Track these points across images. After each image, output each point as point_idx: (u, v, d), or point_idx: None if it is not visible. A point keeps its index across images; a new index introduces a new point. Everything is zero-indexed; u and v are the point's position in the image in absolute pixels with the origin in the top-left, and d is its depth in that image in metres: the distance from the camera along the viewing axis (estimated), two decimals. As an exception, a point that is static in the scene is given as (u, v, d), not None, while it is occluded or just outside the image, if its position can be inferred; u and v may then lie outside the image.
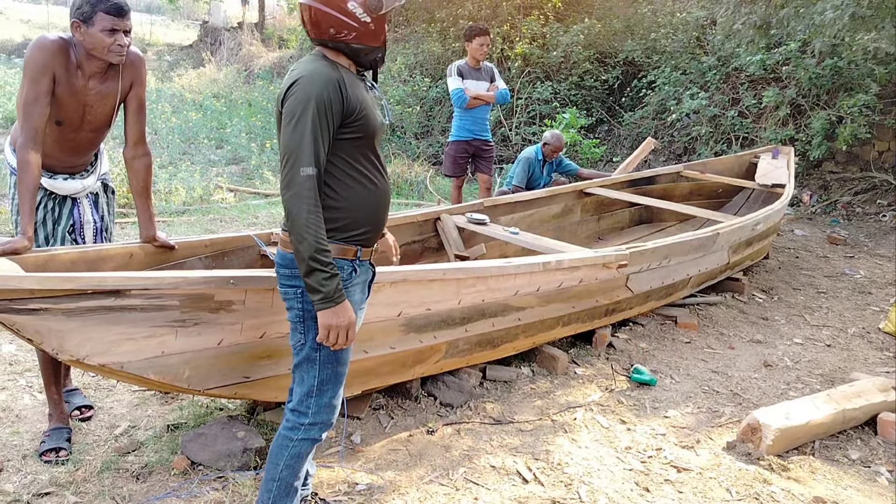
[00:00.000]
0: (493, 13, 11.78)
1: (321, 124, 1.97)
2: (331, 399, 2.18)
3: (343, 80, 2.04)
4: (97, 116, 2.74)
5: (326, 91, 1.98)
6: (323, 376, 2.15)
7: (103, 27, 2.51)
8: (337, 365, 2.16)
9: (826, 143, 8.29)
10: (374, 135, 2.13)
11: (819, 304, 5.23)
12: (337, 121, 2.02)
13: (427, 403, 3.35)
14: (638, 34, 11.28)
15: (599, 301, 3.95)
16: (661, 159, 9.82)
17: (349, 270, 2.14)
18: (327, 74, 2.02)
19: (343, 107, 2.02)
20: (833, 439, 3.26)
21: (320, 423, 2.18)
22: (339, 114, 2.02)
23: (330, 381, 2.16)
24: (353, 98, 2.05)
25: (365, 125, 2.08)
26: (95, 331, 2.25)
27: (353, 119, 2.05)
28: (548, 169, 6.54)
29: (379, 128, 2.16)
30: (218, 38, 20.07)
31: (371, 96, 2.19)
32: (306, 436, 2.18)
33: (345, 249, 2.13)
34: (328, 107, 1.98)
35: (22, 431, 2.96)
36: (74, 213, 2.87)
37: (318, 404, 2.16)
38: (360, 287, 2.22)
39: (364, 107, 2.08)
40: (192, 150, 9.71)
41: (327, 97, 1.98)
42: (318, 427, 2.19)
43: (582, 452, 3.05)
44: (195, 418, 3.07)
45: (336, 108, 2.00)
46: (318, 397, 2.16)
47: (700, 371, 3.97)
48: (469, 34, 5.80)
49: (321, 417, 2.18)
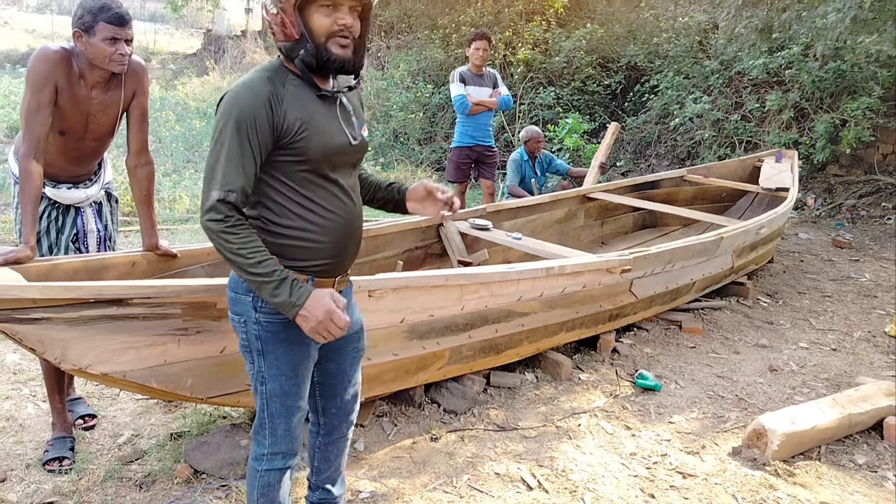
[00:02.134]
0: (495, 19, 11.80)
1: (242, 144, 1.77)
2: (285, 430, 2.01)
3: (277, 95, 1.81)
4: (100, 126, 2.75)
5: (250, 108, 1.77)
6: (272, 409, 1.99)
7: (105, 36, 2.51)
8: (284, 398, 1.98)
9: (830, 147, 8.27)
10: (321, 158, 1.87)
11: (824, 308, 5.21)
12: (265, 140, 1.79)
13: (431, 410, 3.34)
14: (640, 39, 11.29)
15: (603, 306, 3.94)
16: (664, 163, 9.81)
17: None
18: (256, 89, 1.80)
19: (272, 125, 1.79)
20: (839, 444, 3.24)
21: (281, 453, 2.03)
22: (268, 133, 1.79)
23: (280, 415, 1.99)
24: (291, 116, 1.82)
25: (305, 147, 1.83)
26: (98, 340, 2.25)
27: (290, 140, 1.82)
28: (539, 167, 6.57)
29: (332, 150, 1.90)
30: (221, 47, 20.12)
31: (335, 112, 1.95)
32: (270, 466, 2.03)
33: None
34: (251, 125, 1.77)
35: (25, 441, 2.96)
36: (78, 222, 2.88)
37: (273, 434, 2.01)
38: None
39: (307, 126, 1.83)
40: (195, 158, 9.72)
41: (250, 115, 1.77)
42: (281, 457, 2.03)
43: (587, 459, 3.03)
44: (198, 427, 3.06)
45: (262, 127, 1.78)
46: (272, 429, 2.01)
47: (705, 376, 3.95)
48: (468, 41, 5.84)
49: (279, 447, 2.02)
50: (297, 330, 1.88)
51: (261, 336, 1.94)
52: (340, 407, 2.23)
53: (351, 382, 2.23)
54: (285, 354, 1.95)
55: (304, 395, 2.04)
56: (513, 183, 6.46)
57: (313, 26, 1.83)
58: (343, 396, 2.22)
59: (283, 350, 1.95)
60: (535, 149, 6.49)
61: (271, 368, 1.96)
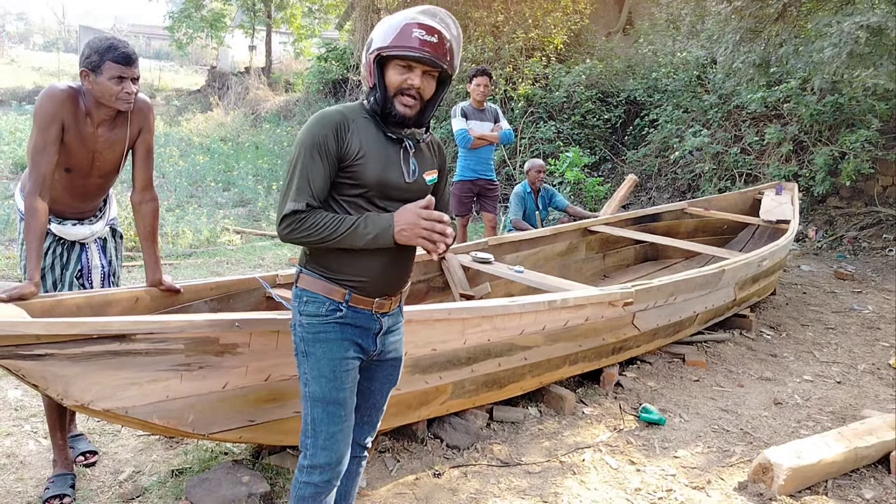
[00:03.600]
0: (496, 55, 11.96)
1: (314, 158, 1.99)
2: (326, 440, 2.08)
3: (347, 123, 2.03)
4: (106, 163, 2.78)
5: (322, 129, 2.00)
6: (314, 414, 2.09)
7: (111, 75, 2.56)
8: (326, 403, 2.07)
9: (830, 179, 8.32)
10: (375, 185, 2.04)
11: (828, 341, 5.19)
12: (332, 160, 2.01)
13: (433, 446, 3.32)
14: (639, 73, 11.44)
15: (606, 339, 3.93)
16: (664, 196, 9.86)
17: (332, 307, 2.07)
18: (330, 115, 2.04)
19: (338, 147, 2.01)
20: (846, 478, 3.21)
21: (319, 467, 2.08)
22: (334, 152, 2.01)
23: (322, 422, 2.08)
24: (355, 143, 2.02)
25: (361, 173, 2.02)
26: (100, 375, 2.24)
27: (349, 163, 2.02)
28: (541, 201, 6.59)
29: (386, 181, 2.06)
30: (225, 83, 20.41)
31: (398, 152, 2.10)
32: (308, 479, 2.09)
33: (330, 288, 2.08)
34: (322, 143, 1.99)
35: (26, 478, 2.94)
36: (83, 258, 2.90)
37: (314, 445, 2.09)
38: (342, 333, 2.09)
39: (366, 154, 2.02)
40: (199, 193, 9.79)
41: (321, 134, 2.00)
42: (319, 471, 2.08)
43: (591, 494, 3.00)
44: (200, 463, 3.04)
45: (331, 147, 2.00)
46: (314, 437, 2.09)
47: (709, 409, 3.92)
48: (470, 77, 5.91)
49: (319, 459, 2.08)
50: (334, 332, 2.07)
51: (304, 338, 2.10)
52: (359, 422, 2.28)
53: (375, 405, 2.32)
54: (325, 355, 2.08)
55: (347, 405, 2.12)
56: (516, 216, 6.50)
57: (388, 80, 2.04)
58: (363, 413, 2.29)
59: (323, 350, 2.08)
60: (535, 179, 6.53)
61: (313, 370, 2.09)
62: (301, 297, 2.12)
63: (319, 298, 2.08)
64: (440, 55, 2.01)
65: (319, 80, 17.36)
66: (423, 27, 1.99)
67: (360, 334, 2.13)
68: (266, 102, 18.24)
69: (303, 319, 2.11)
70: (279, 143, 13.78)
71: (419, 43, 1.97)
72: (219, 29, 22.14)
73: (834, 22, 6.44)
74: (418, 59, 1.98)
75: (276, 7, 21.79)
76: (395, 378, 2.32)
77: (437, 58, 2.00)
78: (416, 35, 1.98)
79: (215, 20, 21.77)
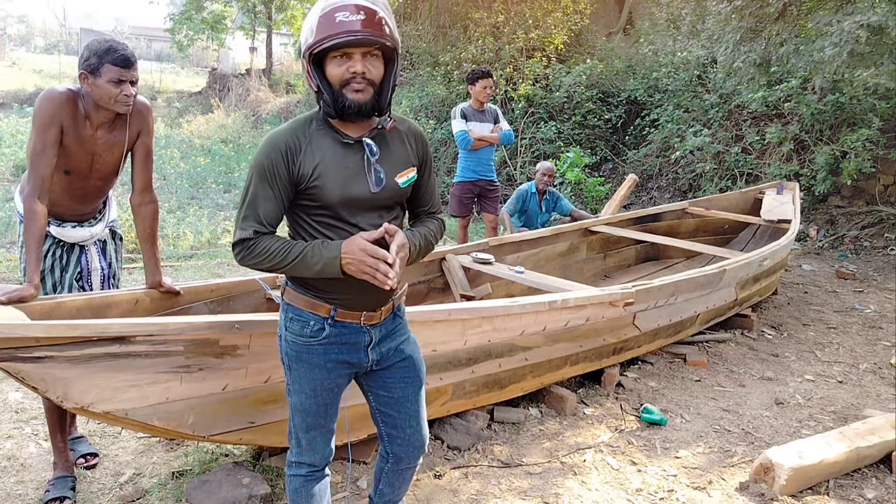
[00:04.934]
0: (496, 56, 11.96)
1: (262, 185, 1.93)
2: (307, 444, 2.15)
3: (299, 143, 1.93)
4: (105, 165, 2.78)
5: (269, 155, 1.92)
6: (295, 421, 2.15)
7: (110, 78, 2.56)
8: (305, 415, 2.11)
9: (831, 178, 8.31)
10: (337, 203, 1.95)
11: (829, 340, 5.18)
12: (284, 185, 1.93)
13: (434, 447, 3.32)
14: (640, 74, 11.43)
15: (607, 340, 3.93)
16: (665, 196, 9.85)
17: (317, 327, 2.04)
18: (278, 138, 1.94)
19: (288, 172, 1.92)
20: (848, 478, 3.20)
21: (306, 464, 2.17)
22: (286, 178, 1.93)
23: (301, 429, 2.14)
24: (308, 163, 1.92)
25: (320, 194, 1.93)
26: (100, 378, 2.24)
27: (306, 186, 1.93)
28: (546, 204, 6.56)
29: (348, 197, 1.95)
30: (226, 85, 20.42)
31: (360, 161, 1.98)
32: (295, 472, 2.18)
33: (314, 304, 2.03)
34: (270, 169, 1.92)
35: (27, 480, 2.94)
36: (82, 260, 2.90)
37: (298, 445, 2.17)
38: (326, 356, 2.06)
39: (322, 174, 1.92)
40: (200, 195, 9.80)
41: (269, 160, 1.92)
42: (306, 466, 2.17)
43: (592, 495, 3.00)
44: (200, 465, 3.04)
45: (280, 172, 1.92)
46: (296, 440, 2.17)
47: (711, 410, 3.92)
48: (472, 77, 5.88)
49: (304, 458, 2.16)
50: (317, 355, 2.05)
51: (287, 353, 2.10)
52: (405, 438, 2.25)
53: (410, 413, 2.23)
54: (306, 375, 2.07)
55: (328, 415, 2.14)
56: (508, 210, 6.43)
57: (329, 76, 1.91)
58: (405, 427, 2.24)
59: (304, 370, 2.07)
60: (543, 182, 6.48)
61: (294, 384, 2.10)
62: (287, 312, 2.08)
63: (304, 316, 2.04)
64: (374, 31, 1.84)
65: (320, 82, 17.34)
66: (344, 9, 1.83)
67: (347, 351, 2.08)
68: (267, 104, 18.24)
69: (287, 336, 2.08)
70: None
71: (346, 26, 1.81)
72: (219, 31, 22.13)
73: (834, 21, 6.44)
74: (351, 42, 1.83)
75: (277, 8, 21.79)
76: (415, 378, 2.22)
77: (372, 34, 1.83)
78: (340, 19, 1.82)
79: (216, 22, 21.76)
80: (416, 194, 2.20)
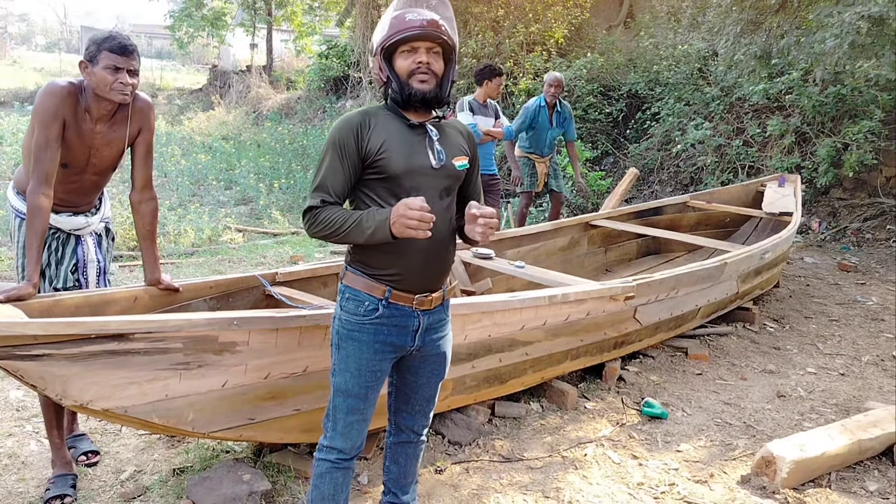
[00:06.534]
0: (496, 50, 11.93)
1: (333, 159, 2.14)
2: (344, 428, 2.24)
3: (368, 122, 2.16)
4: (102, 160, 2.77)
5: (342, 131, 2.14)
6: (336, 403, 2.25)
7: (106, 65, 2.55)
8: (347, 396, 2.22)
9: (833, 170, 8.28)
10: (402, 174, 2.14)
11: (832, 333, 5.17)
12: (354, 160, 2.14)
13: (435, 442, 3.32)
14: (640, 67, 11.39)
15: (608, 334, 3.92)
16: (667, 190, 9.83)
17: (371, 307, 2.18)
18: (351, 117, 2.17)
19: (357, 146, 2.13)
20: (850, 471, 3.19)
21: (337, 449, 2.25)
22: (355, 153, 2.13)
23: (341, 411, 2.24)
24: (375, 139, 2.13)
25: (386, 165, 2.12)
26: (99, 375, 2.24)
27: (373, 159, 2.13)
28: (556, 118, 6.47)
29: (412, 168, 2.15)
30: (227, 82, 20.39)
31: (423, 140, 2.19)
32: (325, 456, 2.27)
33: (371, 286, 2.19)
34: (342, 144, 2.13)
35: (28, 478, 2.94)
36: (78, 251, 2.86)
37: (333, 429, 2.26)
38: (376, 335, 2.20)
39: (388, 146, 2.13)
40: (201, 192, 9.80)
41: (341, 136, 2.13)
42: (336, 452, 2.25)
43: (593, 489, 3.00)
44: (201, 461, 3.04)
45: (350, 147, 2.13)
46: (333, 423, 2.26)
47: (712, 403, 3.91)
48: (490, 74, 5.87)
49: (335, 443, 2.26)
50: (367, 334, 2.19)
51: (339, 332, 2.24)
52: (410, 412, 2.43)
53: (425, 397, 2.42)
54: (354, 353, 2.20)
55: (367, 399, 2.25)
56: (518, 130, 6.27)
57: (398, 68, 2.16)
58: (414, 404, 2.42)
59: (353, 349, 2.20)
60: (552, 92, 6.33)
61: (340, 363, 2.23)
62: (344, 293, 2.24)
63: (360, 296, 2.19)
64: (437, 30, 2.14)
65: (321, 78, 17.32)
66: (413, 12, 2.16)
67: (396, 333, 2.22)
68: (268, 100, 18.21)
69: (342, 315, 2.23)
70: (281, 141, 13.75)
71: (415, 24, 2.11)
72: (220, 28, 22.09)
73: (835, 12, 6.40)
74: (418, 36, 2.11)
75: (277, 5, 21.75)
76: (442, 373, 2.41)
77: (435, 31, 2.13)
78: (409, 18, 2.13)
79: (216, 19, 21.72)
80: (466, 188, 2.37)
